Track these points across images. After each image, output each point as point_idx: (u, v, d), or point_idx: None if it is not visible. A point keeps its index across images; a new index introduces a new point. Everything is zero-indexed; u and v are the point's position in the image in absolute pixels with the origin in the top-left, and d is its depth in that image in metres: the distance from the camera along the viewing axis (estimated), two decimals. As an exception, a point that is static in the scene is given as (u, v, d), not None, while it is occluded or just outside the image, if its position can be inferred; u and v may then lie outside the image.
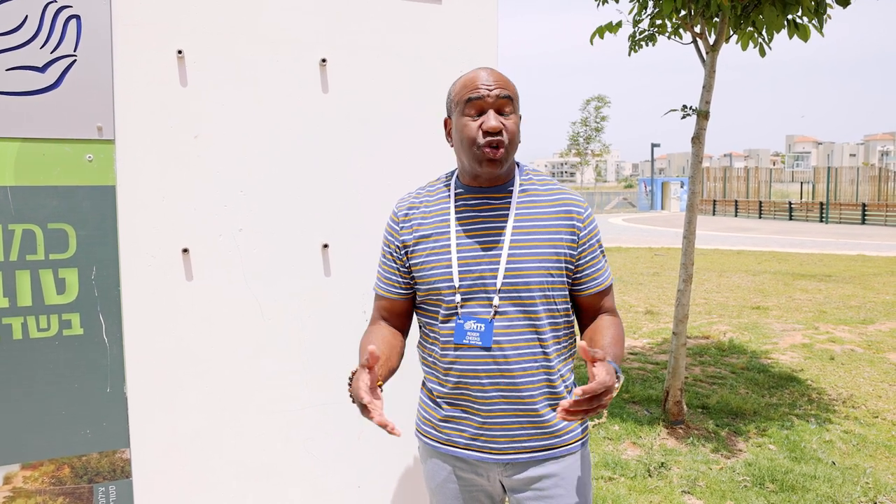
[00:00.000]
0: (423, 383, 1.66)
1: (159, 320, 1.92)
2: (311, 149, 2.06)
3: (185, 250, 1.95)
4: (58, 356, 1.80)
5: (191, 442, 1.97)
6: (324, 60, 2.05)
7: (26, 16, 1.72)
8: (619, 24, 4.27)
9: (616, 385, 1.33)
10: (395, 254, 1.62)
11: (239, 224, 2.01)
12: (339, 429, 2.13)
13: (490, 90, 1.48)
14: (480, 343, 1.49)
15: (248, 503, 2.05)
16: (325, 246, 2.09)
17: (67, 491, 1.83)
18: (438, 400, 1.58)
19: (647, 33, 4.42)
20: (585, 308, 1.62)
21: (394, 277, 1.63)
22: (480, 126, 1.48)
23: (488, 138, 1.47)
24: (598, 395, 1.26)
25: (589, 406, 1.26)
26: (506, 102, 1.49)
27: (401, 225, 1.62)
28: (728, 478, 3.54)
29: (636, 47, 4.51)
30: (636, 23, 4.43)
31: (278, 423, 2.06)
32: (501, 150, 1.49)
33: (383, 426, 1.29)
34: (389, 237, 1.65)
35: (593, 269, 1.59)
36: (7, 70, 1.72)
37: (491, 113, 1.48)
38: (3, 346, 1.75)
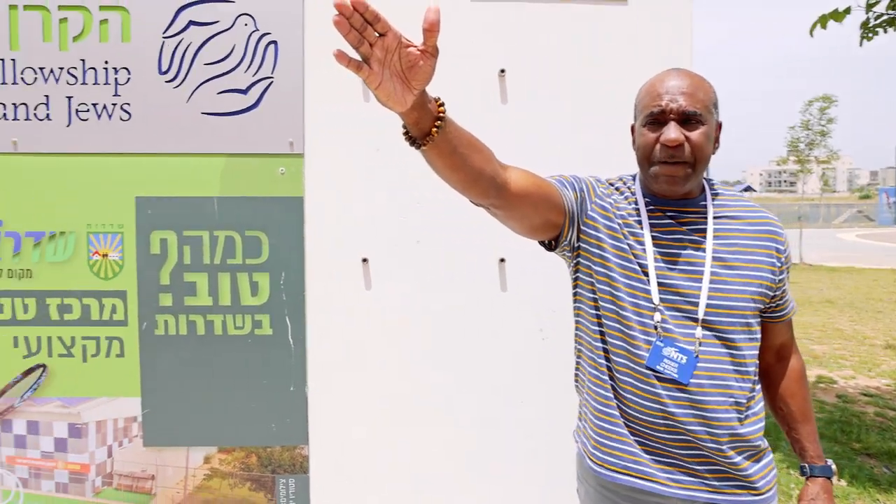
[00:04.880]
0: (599, 399, 1.44)
1: (339, 326, 2.02)
2: (486, 160, 2.04)
3: (365, 260, 2.02)
4: (250, 353, 1.97)
5: (363, 444, 2.03)
6: (502, 71, 2.02)
7: (234, 45, 1.92)
8: (848, 11, 3.70)
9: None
10: (583, 191, 1.44)
11: (416, 235, 2.04)
12: (507, 450, 2.07)
13: (673, 102, 1.33)
14: (677, 376, 1.33)
15: (415, 511, 2.06)
16: (502, 260, 2.05)
17: (254, 478, 1.99)
18: (614, 422, 1.40)
19: (885, 17, 3.78)
20: (771, 337, 1.49)
21: (568, 189, 1.43)
22: (658, 138, 1.34)
23: (667, 152, 1.33)
24: None
25: None
26: (692, 115, 1.33)
27: (606, 192, 1.46)
28: None
29: (869, 35, 3.88)
30: (870, 7, 3.81)
31: (447, 435, 2.06)
32: (682, 167, 1.34)
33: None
34: (591, 181, 1.47)
35: (787, 297, 1.47)
36: (218, 93, 1.93)
37: (672, 125, 1.33)
38: (207, 339, 1.96)
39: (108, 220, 1.97)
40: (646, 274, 1.36)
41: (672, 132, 1.32)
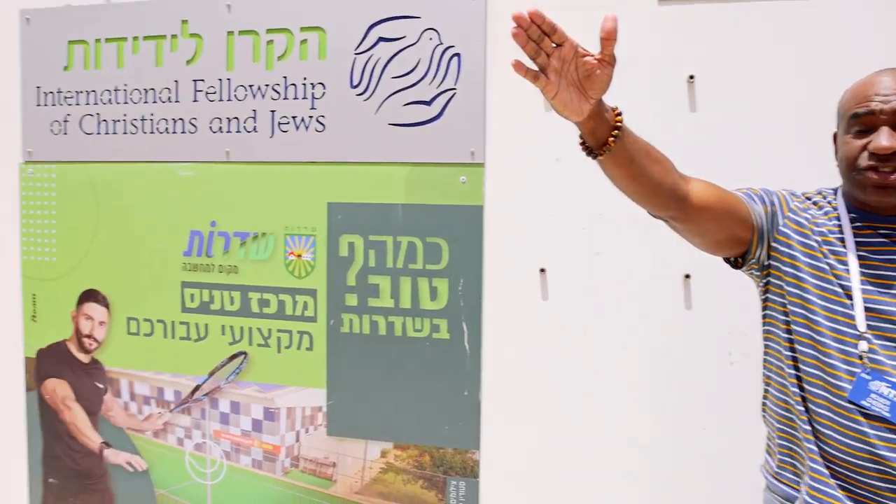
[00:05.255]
0: (794, 436, 1.33)
1: (514, 334, 2.02)
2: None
3: (542, 270, 2.01)
4: (427, 356, 2.04)
5: (533, 454, 2.03)
6: (691, 77, 1.92)
7: (419, 59, 2.00)
8: None
9: None
10: (774, 205, 1.33)
11: (596, 247, 1.99)
12: (683, 477, 1.96)
13: (885, 103, 1.17)
14: (888, 415, 1.18)
15: (583, 527, 2.03)
16: (687, 276, 1.94)
17: (426, 476, 2.06)
18: (813, 458, 1.28)
19: None
20: None
21: (757, 203, 1.33)
22: (866, 146, 1.19)
23: (874, 162, 1.18)
24: None
25: None
26: None
27: (802, 207, 1.33)
28: None
29: None
30: None
31: (620, 454, 1.99)
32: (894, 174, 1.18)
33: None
34: (783, 194, 1.36)
35: None
36: (404, 105, 2.01)
37: (884, 130, 1.17)
38: (388, 339, 2.07)
39: (303, 223, 2.13)
40: (849, 297, 1.22)
41: (884, 138, 1.16)
